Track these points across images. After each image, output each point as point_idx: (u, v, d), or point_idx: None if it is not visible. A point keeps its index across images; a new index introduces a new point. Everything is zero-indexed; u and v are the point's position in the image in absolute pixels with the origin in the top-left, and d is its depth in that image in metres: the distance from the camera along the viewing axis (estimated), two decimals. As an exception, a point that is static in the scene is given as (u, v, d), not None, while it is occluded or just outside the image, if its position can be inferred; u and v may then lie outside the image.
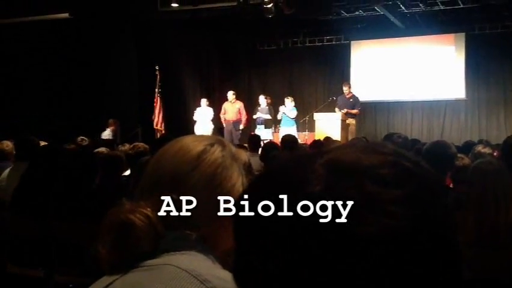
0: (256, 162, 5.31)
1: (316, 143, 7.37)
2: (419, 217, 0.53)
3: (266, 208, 0.56)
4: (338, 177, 0.54)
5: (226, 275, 1.02)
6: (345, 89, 12.51)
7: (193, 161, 1.14)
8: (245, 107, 13.71)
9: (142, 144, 5.56)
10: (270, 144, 6.40)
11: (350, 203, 0.52)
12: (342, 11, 13.72)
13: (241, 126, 13.25)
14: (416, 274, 0.52)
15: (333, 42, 15.86)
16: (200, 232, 1.11)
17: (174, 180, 1.13)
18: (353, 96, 12.50)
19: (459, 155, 4.09)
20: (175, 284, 0.98)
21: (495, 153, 5.17)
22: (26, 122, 10.92)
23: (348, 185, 0.53)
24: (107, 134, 12.58)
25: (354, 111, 12.20)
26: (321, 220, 0.52)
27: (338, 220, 0.52)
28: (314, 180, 0.55)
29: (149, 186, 1.16)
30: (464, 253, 0.58)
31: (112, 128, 12.62)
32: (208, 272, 1.02)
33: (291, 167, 0.59)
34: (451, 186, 4.23)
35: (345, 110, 12.02)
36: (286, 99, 12.90)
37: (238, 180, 1.17)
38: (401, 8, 13.14)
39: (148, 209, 1.07)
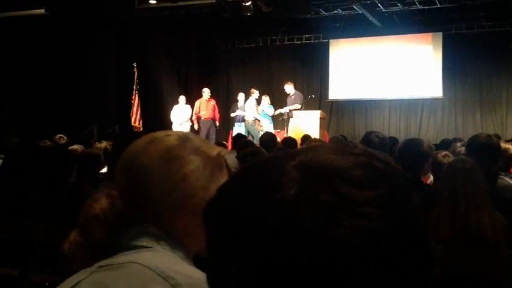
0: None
1: (287, 140, 7.29)
2: (392, 217, 0.53)
3: (238, 211, 0.56)
4: (311, 180, 0.54)
5: (192, 271, 1.03)
6: (287, 87, 12.70)
7: (161, 154, 1.14)
8: (224, 104, 13.67)
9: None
10: (246, 142, 6.37)
11: (324, 206, 0.52)
12: (321, 10, 13.77)
13: (217, 123, 13.34)
14: (391, 273, 0.52)
15: (312, 41, 15.90)
16: (168, 228, 1.11)
17: (139, 171, 1.13)
18: (295, 94, 12.63)
19: (444, 152, 4.13)
20: (138, 283, 0.98)
21: None
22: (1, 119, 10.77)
23: (321, 188, 0.53)
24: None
25: (296, 106, 12.33)
26: (296, 223, 0.52)
27: (313, 223, 0.51)
28: (288, 183, 0.54)
29: (116, 177, 1.18)
30: (438, 250, 0.59)
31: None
32: (172, 268, 1.01)
33: (263, 169, 0.59)
34: (428, 182, 4.28)
35: (287, 108, 12.29)
36: (264, 97, 12.99)
37: (203, 175, 1.16)
38: (379, 7, 13.24)
39: (109, 197, 1.11)
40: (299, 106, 12.29)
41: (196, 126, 13.26)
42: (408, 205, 0.57)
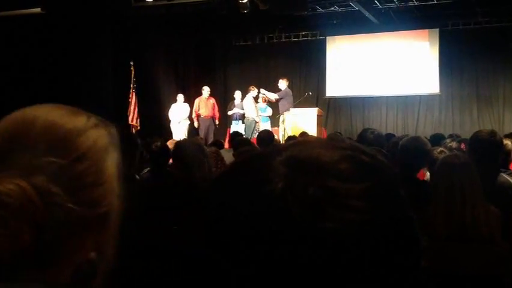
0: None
1: (291, 139, 7.30)
2: (379, 209, 0.54)
3: (234, 210, 0.56)
4: (298, 174, 0.54)
5: None
6: (280, 83, 12.77)
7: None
8: (221, 102, 13.61)
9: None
10: (241, 140, 6.36)
11: (311, 199, 0.52)
12: (318, 7, 13.78)
13: (217, 122, 13.34)
14: (379, 265, 0.52)
15: (309, 38, 15.91)
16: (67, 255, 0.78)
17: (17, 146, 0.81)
18: (283, 90, 12.72)
19: (440, 148, 4.15)
20: None
21: (462, 146, 5.23)
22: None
23: (308, 182, 0.53)
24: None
25: (273, 96, 12.49)
26: (284, 217, 0.52)
27: (300, 217, 0.51)
28: (275, 178, 0.54)
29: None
30: (434, 246, 0.59)
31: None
32: None
33: (252, 166, 0.59)
34: (425, 179, 4.29)
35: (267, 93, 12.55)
36: (261, 95, 13.01)
37: (113, 170, 0.89)
38: (375, 3, 13.25)
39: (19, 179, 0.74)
40: (276, 96, 12.49)
41: (196, 124, 13.27)
42: (395, 198, 0.57)
